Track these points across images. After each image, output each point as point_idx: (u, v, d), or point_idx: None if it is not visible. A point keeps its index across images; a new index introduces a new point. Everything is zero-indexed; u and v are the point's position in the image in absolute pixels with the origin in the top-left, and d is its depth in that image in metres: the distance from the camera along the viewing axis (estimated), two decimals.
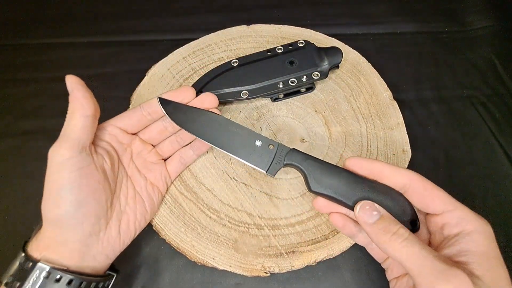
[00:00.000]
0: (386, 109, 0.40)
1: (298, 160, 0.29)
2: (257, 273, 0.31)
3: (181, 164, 0.35)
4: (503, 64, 0.46)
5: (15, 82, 0.45)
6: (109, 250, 0.28)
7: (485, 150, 0.40)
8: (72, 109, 0.27)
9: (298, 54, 0.40)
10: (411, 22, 0.51)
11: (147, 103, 0.32)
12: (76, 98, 0.27)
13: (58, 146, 0.26)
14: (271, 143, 0.31)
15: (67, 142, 0.26)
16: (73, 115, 0.27)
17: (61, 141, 0.26)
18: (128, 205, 0.30)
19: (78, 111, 0.27)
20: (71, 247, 0.26)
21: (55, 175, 0.26)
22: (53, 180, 0.26)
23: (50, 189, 0.26)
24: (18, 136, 0.41)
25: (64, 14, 0.52)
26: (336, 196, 0.27)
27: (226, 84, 0.39)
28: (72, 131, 0.26)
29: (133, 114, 0.32)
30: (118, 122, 0.31)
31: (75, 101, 0.27)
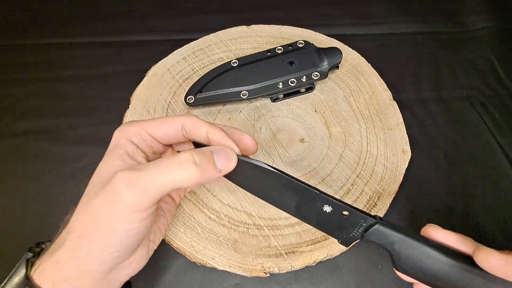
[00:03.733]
0: (385, 109, 0.40)
1: (384, 239, 0.23)
2: (256, 274, 0.31)
3: None
4: (503, 64, 0.46)
5: (15, 82, 0.45)
6: (135, 270, 0.26)
7: (485, 150, 0.40)
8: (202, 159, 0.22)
9: (297, 54, 0.40)
10: (410, 22, 0.51)
11: (190, 126, 0.25)
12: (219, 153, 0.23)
13: (138, 191, 0.21)
14: (344, 210, 0.24)
15: (150, 192, 0.21)
16: (198, 168, 0.22)
17: (146, 188, 0.21)
18: (154, 222, 0.27)
19: (201, 177, 0.22)
20: (97, 277, 0.22)
21: (117, 217, 0.21)
22: (113, 218, 0.21)
23: (104, 222, 0.21)
24: (18, 136, 0.41)
25: (64, 14, 0.52)
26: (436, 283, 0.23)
27: (226, 84, 0.39)
28: (173, 184, 0.21)
29: (170, 130, 0.26)
30: (152, 130, 0.25)
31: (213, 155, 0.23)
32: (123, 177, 0.21)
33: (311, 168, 0.36)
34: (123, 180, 0.21)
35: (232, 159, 0.24)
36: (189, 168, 0.21)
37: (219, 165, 0.23)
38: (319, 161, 0.37)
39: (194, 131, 0.25)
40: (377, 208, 0.34)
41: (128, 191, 0.20)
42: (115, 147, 0.24)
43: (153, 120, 0.26)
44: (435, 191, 0.38)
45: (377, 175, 0.36)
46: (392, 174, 0.36)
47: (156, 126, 0.25)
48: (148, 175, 0.21)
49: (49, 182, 0.38)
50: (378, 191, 0.35)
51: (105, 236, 0.21)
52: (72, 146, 0.40)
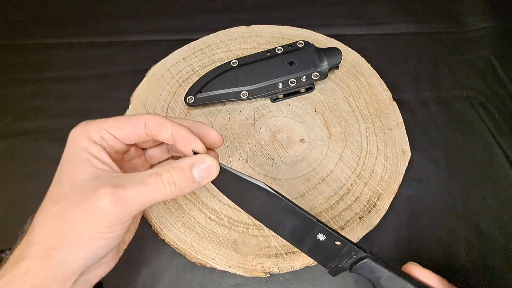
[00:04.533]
0: (385, 109, 0.40)
1: (372, 274, 0.24)
2: (256, 274, 0.31)
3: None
4: (502, 64, 0.46)
5: (15, 82, 0.45)
6: (105, 271, 0.25)
7: (484, 150, 0.40)
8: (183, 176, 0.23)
9: (297, 54, 0.40)
10: (410, 22, 0.51)
11: (154, 125, 0.25)
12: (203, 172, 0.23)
13: (124, 206, 0.21)
14: (337, 241, 0.24)
15: (133, 207, 0.22)
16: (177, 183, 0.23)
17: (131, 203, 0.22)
18: None
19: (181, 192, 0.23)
20: (69, 283, 0.22)
21: (97, 227, 0.21)
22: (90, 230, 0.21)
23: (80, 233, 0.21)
24: (18, 136, 0.41)
25: (64, 14, 0.52)
26: None
27: (226, 84, 0.39)
28: (154, 201, 0.22)
29: (133, 129, 0.25)
30: (114, 129, 0.25)
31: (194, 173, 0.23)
32: (108, 193, 0.21)
33: (311, 168, 0.36)
34: (108, 197, 0.21)
35: (212, 171, 0.24)
36: (169, 187, 0.22)
37: (199, 179, 0.23)
38: (319, 161, 0.37)
39: (158, 131, 0.25)
40: (377, 208, 0.34)
41: (113, 208, 0.21)
42: (77, 150, 0.24)
43: (114, 119, 0.25)
44: (435, 191, 0.38)
45: (377, 175, 0.36)
46: (392, 174, 0.36)
47: (118, 126, 0.25)
48: (133, 194, 0.22)
49: (49, 182, 0.38)
50: (378, 191, 0.35)
51: (85, 246, 0.22)
52: None
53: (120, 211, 0.21)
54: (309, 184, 0.36)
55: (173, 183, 0.22)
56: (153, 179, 0.22)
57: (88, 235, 0.21)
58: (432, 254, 0.34)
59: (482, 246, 0.35)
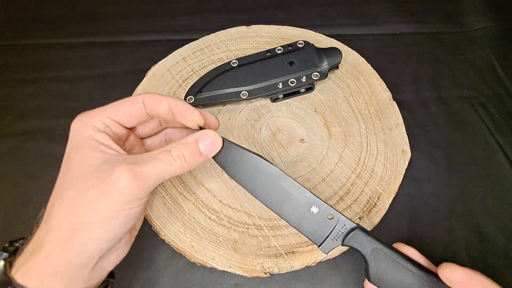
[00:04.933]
0: (385, 109, 0.40)
1: (363, 245, 0.24)
2: (256, 274, 0.31)
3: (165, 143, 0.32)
4: (502, 64, 0.46)
5: (15, 82, 0.45)
6: (120, 257, 0.26)
7: (484, 150, 0.40)
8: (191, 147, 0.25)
9: (297, 54, 0.40)
10: (410, 23, 0.51)
11: (150, 100, 0.26)
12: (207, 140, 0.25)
13: (141, 182, 0.22)
14: (331, 212, 0.25)
15: (149, 182, 0.23)
16: (190, 154, 0.24)
17: (147, 179, 0.23)
18: None
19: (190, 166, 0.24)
20: (87, 268, 0.23)
21: (116, 206, 0.22)
22: (109, 207, 0.22)
23: (100, 212, 0.22)
24: (18, 136, 0.41)
25: (64, 14, 0.52)
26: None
27: (226, 84, 0.39)
28: (167, 176, 0.24)
29: (132, 109, 0.26)
30: (115, 114, 0.26)
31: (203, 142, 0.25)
32: (125, 171, 0.22)
33: (311, 168, 0.36)
34: (126, 173, 0.22)
35: (216, 144, 0.26)
36: (179, 161, 0.24)
37: (205, 152, 0.25)
38: (319, 161, 0.37)
39: (156, 106, 0.26)
40: (377, 208, 0.34)
41: (132, 183, 0.22)
42: (83, 139, 0.24)
43: (112, 105, 0.26)
44: (435, 191, 0.38)
45: (377, 175, 0.36)
46: (392, 174, 0.36)
47: (117, 110, 0.26)
48: (148, 169, 0.23)
49: (49, 182, 0.38)
50: (378, 191, 0.35)
51: (104, 225, 0.22)
52: None
53: (139, 186, 0.22)
54: (309, 184, 0.36)
55: (182, 157, 0.24)
56: (164, 155, 0.24)
57: (107, 214, 0.22)
58: (432, 254, 0.34)
59: (482, 246, 0.35)
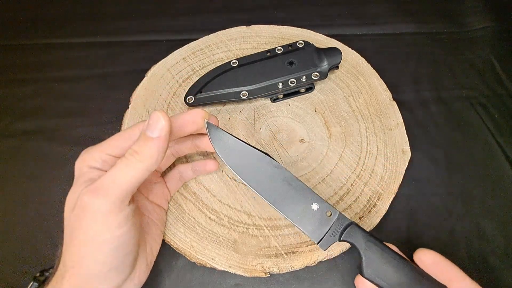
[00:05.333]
0: (385, 109, 0.40)
1: (358, 240, 0.25)
2: (256, 274, 0.31)
3: (180, 182, 0.34)
4: (502, 64, 0.46)
5: (15, 82, 0.45)
6: (138, 284, 0.26)
7: (484, 150, 0.40)
8: (141, 149, 0.23)
9: (297, 54, 0.40)
10: (410, 23, 0.51)
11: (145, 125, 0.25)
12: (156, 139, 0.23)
13: (102, 196, 0.22)
14: (330, 209, 0.26)
15: (114, 192, 0.22)
16: (139, 158, 0.23)
17: (107, 190, 0.22)
18: (147, 233, 0.29)
19: (149, 158, 0.23)
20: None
21: (95, 230, 0.22)
22: (91, 234, 0.22)
23: (85, 245, 0.22)
24: (17, 136, 0.41)
25: (64, 14, 0.52)
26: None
27: (226, 84, 0.39)
28: (129, 179, 0.22)
29: (130, 141, 0.26)
30: (111, 150, 0.26)
31: (151, 141, 0.23)
32: (85, 191, 0.22)
33: (311, 168, 0.36)
34: (86, 193, 0.22)
35: (158, 120, 0.23)
36: (133, 157, 0.23)
37: (154, 134, 0.23)
38: (319, 161, 0.37)
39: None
40: (377, 208, 0.34)
41: (93, 199, 0.22)
42: (79, 177, 0.25)
43: (109, 139, 0.26)
44: (435, 192, 0.38)
45: (377, 175, 0.36)
46: (392, 174, 0.36)
47: (113, 145, 0.25)
48: (104, 180, 0.22)
49: (49, 182, 0.38)
50: (378, 191, 0.35)
51: (93, 257, 0.22)
52: (72, 146, 0.40)
53: (103, 199, 0.22)
54: (309, 184, 0.36)
55: (134, 152, 0.23)
56: (119, 160, 0.23)
57: (90, 242, 0.22)
58: None
59: (482, 246, 0.35)
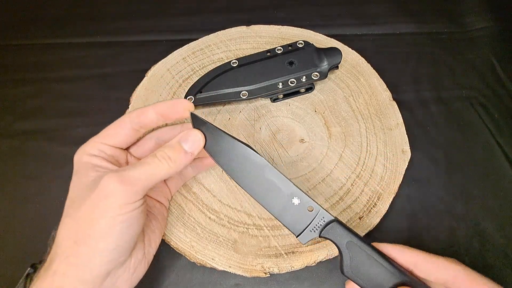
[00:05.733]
0: (385, 109, 0.40)
1: (338, 238, 0.25)
2: (256, 274, 0.31)
3: (180, 180, 0.34)
4: (502, 65, 0.46)
5: (15, 82, 0.45)
6: (134, 277, 0.26)
7: (484, 150, 0.40)
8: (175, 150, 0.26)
9: (297, 54, 0.40)
10: (410, 23, 0.51)
11: (136, 116, 0.27)
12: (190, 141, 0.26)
13: (129, 186, 0.23)
14: (311, 205, 0.26)
15: (138, 185, 0.23)
16: (172, 156, 0.25)
17: (134, 182, 0.23)
18: (147, 225, 0.29)
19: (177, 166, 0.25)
20: (95, 284, 0.23)
21: (112, 210, 0.23)
22: (104, 215, 0.23)
23: (96, 222, 0.23)
24: (18, 136, 0.41)
25: (64, 14, 0.52)
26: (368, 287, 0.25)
27: (226, 84, 0.39)
28: (155, 178, 0.24)
29: (122, 130, 0.27)
30: (107, 139, 0.27)
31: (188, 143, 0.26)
32: (112, 176, 0.23)
33: (311, 168, 0.36)
34: (113, 179, 0.23)
35: (197, 140, 0.26)
36: (165, 162, 0.25)
37: (189, 150, 0.26)
38: (319, 161, 0.37)
39: (142, 118, 0.27)
40: (377, 208, 0.34)
41: (119, 187, 0.23)
42: (80, 165, 0.26)
43: (103, 131, 0.27)
44: (435, 192, 0.38)
45: (377, 175, 0.36)
46: (392, 174, 0.36)
47: (108, 134, 0.27)
48: (135, 172, 0.24)
49: (49, 182, 0.38)
50: (377, 191, 0.35)
51: (103, 234, 0.23)
52: (72, 146, 0.39)
53: (128, 189, 0.23)
54: (309, 184, 0.36)
55: (167, 158, 0.25)
56: (150, 159, 0.25)
57: (104, 222, 0.23)
58: None
59: (482, 246, 0.35)
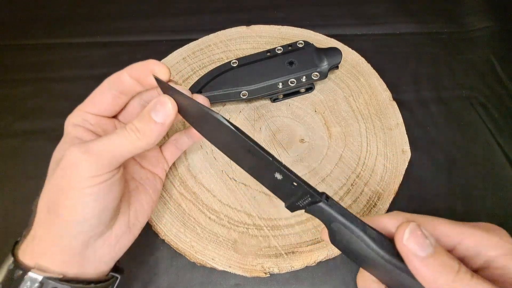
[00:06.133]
0: (385, 109, 0.40)
1: (323, 217, 0.24)
2: (256, 274, 0.31)
3: (177, 149, 0.33)
4: (502, 65, 0.46)
5: (15, 82, 0.45)
6: (117, 248, 0.26)
7: (484, 150, 0.40)
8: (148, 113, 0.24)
9: (297, 54, 0.40)
10: (410, 23, 0.51)
11: (114, 81, 0.26)
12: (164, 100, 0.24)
13: (94, 158, 0.22)
14: (294, 181, 0.24)
15: (103, 156, 0.22)
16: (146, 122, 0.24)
17: (98, 154, 0.22)
18: (133, 196, 0.28)
19: (147, 138, 0.24)
20: (73, 252, 0.23)
21: (76, 184, 0.22)
22: (71, 186, 0.22)
23: (64, 193, 0.22)
24: (18, 136, 0.41)
25: (64, 14, 0.52)
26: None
27: (226, 84, 0.39)
28: (122, 151, 0.23)
29: (104, 97, 0.27)
30: (89, 107, 0.26)
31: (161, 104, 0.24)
32: (77, 147, 0.22)
33: (311, 168, 0.36)
34: (77, 149, 0.22)
35: (167, 108, 0.24)
36: (133, 134, 0.23)
37: (159, 120, 0.24)
38: (319, 161, 0.37)
39: (118, 83, 0.26)
40: (377, 208, 0.34)
41: (83, 157, 0.22)
42: (65, 136, 0.26)
43: (87, 99, 0.27)
44: (435, 191, 0.38)
45: (377, 175, 0.36)
46: (392, 174, 0.36)
47: (91, 102, 0.26)
48: (99, 143, 0.23)
49: None
50: (378, 191, 0.35)
51: (70, 206, 0.22)
52: None
53: (92, 160, 0.22)
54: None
55: (136, 130, 0.23)
56: (120, 130, 0.24)
57: (72, 193, 0.22)
58: None
59: None
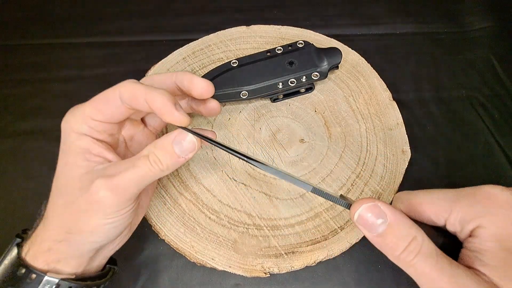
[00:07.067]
0: (385, 109, 0.40)
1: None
2: (256, 274, 0.31)
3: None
4: (502, 64, 0.46)
5: (14, 82, 0.45)
6: (119, 245, 0.28)
7: (484, 150, 0.40)
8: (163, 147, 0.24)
9: (297, 54, 0.40)
10: (410, 23, 0.51)
11: (128, 99, 0.25)
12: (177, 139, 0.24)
13: (120, 195, 0.23)
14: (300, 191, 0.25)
15: (129, 192, 0.24)
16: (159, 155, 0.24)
17: (124, 190, 0.23)
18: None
19: (169, 170, 0.24)
20: (86, 257, 0.25)
21: (100, 217, 0.23)
22: (95, 218, 0.23)
23: (88, 222, 0.24)
24: (17, 136, 0.41)
25: (64, 14, 0.52)
26: None
27: (226, 84, 0.39)
28: (146, 182, 0.24)
29: (111, 107, 0.25)
30: (95, 114, 0.25)
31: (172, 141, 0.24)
32: (102, 184, 0.23)
33: (311, 168, 0.36)
34: (104, 186, 0.23)
35: (192, 144, 0.24)
36: (156, 165, 0.24)
37: (181, 154, 0.24)
38: (319, 161, 0.37)
39: (134, 102, 0.24)
40: None
41: (110, 194, 0.23)
42: (69, 143, 0.25)
43: (93, 101, 0.25)
44: None
45: (377, 175, 0.36)
46: (392, 174, 0.36)
47: (98, 109, 0.25)
48: (125, 179, 0.23)
49: (49, 182, 0.38)
50: (378, 191, 0.35)
51: (94, 231, 0.24)
52: None
53: (118, 197, 0.23)
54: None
55: (158, 162, 0.24)
56: (141, 162, 0.24)
57: (95, 222, 0.24)
58: None
59: None
